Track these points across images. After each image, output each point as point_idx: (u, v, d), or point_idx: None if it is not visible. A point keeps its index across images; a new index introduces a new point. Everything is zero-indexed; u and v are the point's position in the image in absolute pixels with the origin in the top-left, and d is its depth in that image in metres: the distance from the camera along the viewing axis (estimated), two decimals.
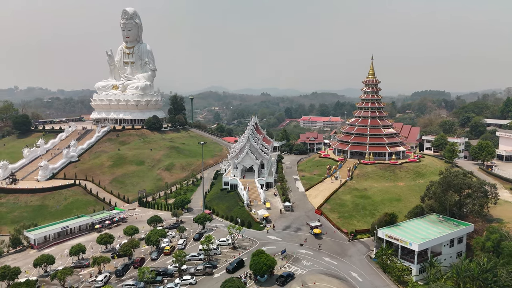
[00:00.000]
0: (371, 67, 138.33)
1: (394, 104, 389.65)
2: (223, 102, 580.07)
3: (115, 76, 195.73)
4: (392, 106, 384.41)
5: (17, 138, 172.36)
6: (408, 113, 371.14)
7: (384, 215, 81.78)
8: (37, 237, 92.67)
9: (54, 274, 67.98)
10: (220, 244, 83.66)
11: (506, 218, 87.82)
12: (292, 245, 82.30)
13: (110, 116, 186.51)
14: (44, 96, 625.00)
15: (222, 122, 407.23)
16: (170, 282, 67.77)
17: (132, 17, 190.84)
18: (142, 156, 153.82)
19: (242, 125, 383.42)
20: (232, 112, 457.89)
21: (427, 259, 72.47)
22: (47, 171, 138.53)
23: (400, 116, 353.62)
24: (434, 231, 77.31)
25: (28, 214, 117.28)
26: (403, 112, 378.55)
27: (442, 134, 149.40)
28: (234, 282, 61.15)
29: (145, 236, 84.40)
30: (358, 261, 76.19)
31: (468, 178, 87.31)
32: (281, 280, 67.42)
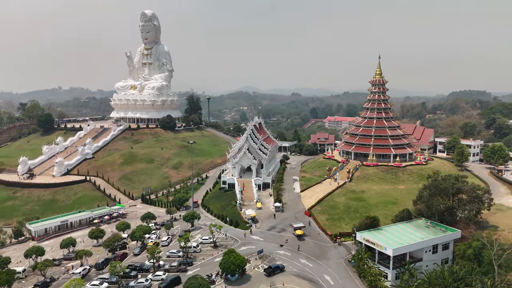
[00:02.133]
0: (378, 67, 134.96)
1: (424, 105, 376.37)
2: (252, 102, 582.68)
3: (134, 77, 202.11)
4: (422, 106, 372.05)
5: (40, 136, 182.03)
6: (438, 114, 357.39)
7: (365, 218, 80.00)
8: (37, 229, 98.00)
9: (35, 265, 71.83)
10: (203, 242, 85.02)
11: (502, 226, 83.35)
12: (273, 246, 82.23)
13: (128, 115, 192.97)
14: (83, 95, 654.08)
15: (247, 122, 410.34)
16: (143, 277, 69.79)
17: (150, 19, 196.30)
18: (152, 155, 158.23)
19: (266, 125, 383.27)
20: (258, 112, 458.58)
21: (405, 265, 70.34)
22: (62, 167, 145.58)
23: (430, 117, 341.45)
24: (417, 236, 74.76)
25: (39, 208, 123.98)
26: (433, 113, 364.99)
27: (455, 136, 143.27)
28: (197, 280, 62.12)
29: (130, 232, 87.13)
30: (335, 264, 75.01)
31: (460, 182, 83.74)
32: (268, 271, 69.02)
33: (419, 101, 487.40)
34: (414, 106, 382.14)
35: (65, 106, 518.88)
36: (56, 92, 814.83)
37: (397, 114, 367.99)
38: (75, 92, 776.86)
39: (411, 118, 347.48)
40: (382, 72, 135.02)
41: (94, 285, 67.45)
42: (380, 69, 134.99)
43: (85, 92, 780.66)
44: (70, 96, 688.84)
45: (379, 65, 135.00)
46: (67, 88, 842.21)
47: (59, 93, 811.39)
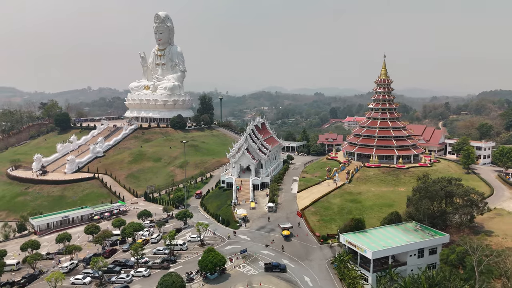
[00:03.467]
0: (383, 66, 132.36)
1: (448, 105, 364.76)
2: (273, 102, 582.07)
3: (148, 77, 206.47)
4: (445, 107, 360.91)
5: (57, 134, 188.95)
6: (463, 114, 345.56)
7: (350, 220, 78.98)
8: (39, 224, 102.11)
9: (25, 258, 75.01)
10: (190, 241, 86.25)
11: (498, 231, 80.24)
12: (258, 246, 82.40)
13: (141, 114, 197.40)
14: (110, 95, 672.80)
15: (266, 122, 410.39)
16: (126, 273, 71.59)
17: (163, 21, 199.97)
18: (160, 153, 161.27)
19: (285, 125, 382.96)
20: (277, 112, 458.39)
21: (387, 269, 69.02)
22: (73, 165, 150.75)
23: (454, 117, 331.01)
24: (402, 239, 73.19)
25: (48, 204, 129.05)
26: (457, 113, 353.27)
27: (464, 137, 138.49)
28: (171, 277, 63.11)
29: (121, 229, 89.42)
30: (317, 266, 74.43)
31: (455, 186, 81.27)
32: (267, 267, 70.31)
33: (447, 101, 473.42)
34: (436, 106, 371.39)
35: (92, 105, 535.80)
36: (85, 92, 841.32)
37: (419, 115, 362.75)
38: (103, 92, 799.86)
39: (433, 118, 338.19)
40: (387, 71, 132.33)
41: (78, 279, 69.87)
42: (385, 68, 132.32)
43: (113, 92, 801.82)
44: (98, 96, 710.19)
45: (384, 65, 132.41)
46: (96, 89, 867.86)
47: (89, 93, 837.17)
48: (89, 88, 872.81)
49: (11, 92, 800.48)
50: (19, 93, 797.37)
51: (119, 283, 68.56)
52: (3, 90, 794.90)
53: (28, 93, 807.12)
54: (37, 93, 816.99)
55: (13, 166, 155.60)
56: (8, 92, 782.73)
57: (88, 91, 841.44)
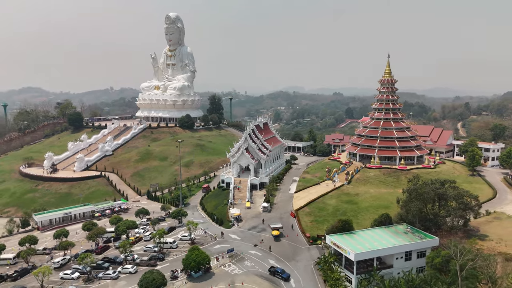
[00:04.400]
0: (387, 66, 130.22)
1: (467, 105, 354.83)
2: (290, 102, 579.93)
3: (159, 77, 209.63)
4: (465, 107, 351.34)
5: (70, 133, 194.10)
6: (483, 115, 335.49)
7: (337, 221, 78.15)
8: (42, 220, 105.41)
9: (18, 253, 77.65)
10: (182, 239, 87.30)
11: (493, 235, 77.93)
12: (247, 245, 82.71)
13: (151, 114, 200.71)
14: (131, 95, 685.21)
15: (281, 122, 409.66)
16: (113, 269, 73.17)
17: (174, 22, 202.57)
18: (167, 153, 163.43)
19: (300, 125, 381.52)
20: (293, 112, 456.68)
21: (371, 271, 68.07)
22: (82, 163, 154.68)
23: (473, 118, 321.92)
24: (390, 242, 71.96)
25: (55, 200, 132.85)
26: (477, 114, 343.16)
27: (471, 138, 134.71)
28: (152, 275, 64.15)
29: (115, 227, 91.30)
30: (303, 267, 74.15)
31: (449, 188, 79.43)
32: (271, 271, 70.11)
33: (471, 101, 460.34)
34: (456, 106, 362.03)
35: (112, 105, 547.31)
36: (108, 92, 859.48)
37: (437, 115, 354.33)
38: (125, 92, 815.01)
39: (452, 119, 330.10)
40: (391, 71, 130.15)
41: (66, 274, 71.95)
42: (389, 68, 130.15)
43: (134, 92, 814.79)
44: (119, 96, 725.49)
45: (388, 64, 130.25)
46: (117, 89, 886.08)
47: (111, 93, 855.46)
48: (111, 88, 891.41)
49: (37, 92, 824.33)
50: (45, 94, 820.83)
51: (105, 279, 70.23)
52: (30, 91, 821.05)
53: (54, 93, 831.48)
54: (63, 93, 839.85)
55: (26, 163, 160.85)
56: (34, 92, 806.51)
57: (111, 91, 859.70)
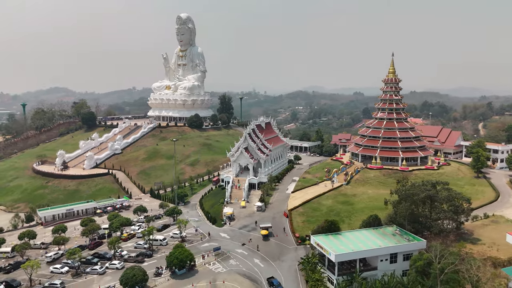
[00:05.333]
0: (391, 65, 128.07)
1: (490, 105, 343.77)
2: (309, 102, 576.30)
3: (170, 77, 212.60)
4: (487, 107, 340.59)
5: (84, 132, 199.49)
6: (506, 115, 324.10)
7: (324, 222, 77.44)
8: (45, 215, 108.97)
9: (13, 247, 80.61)
10: (173, 237, 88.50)
11: (486, 239, 75.61)
12: (235, 244, 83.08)
13: (162, 113, 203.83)
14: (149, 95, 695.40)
15: (297, 121, 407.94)
16: (101, 265, 75.01)
17: (185, 22, 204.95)
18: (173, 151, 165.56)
19: (315, 125, 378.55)
20: (310, 112, 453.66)
21: (353, 272, 67.25)
22: (92, 161, 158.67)
23: (496, 118, 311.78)
24: (375, 243, 70.86)
25: (63, 197, 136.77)
26: (500, 114, 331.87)
27: (479, 139, 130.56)
28: (133, 271, 65.37)
29: (108, 224, 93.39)
30: (287, 267, 73.90)
31: (443, 190, 77.49)
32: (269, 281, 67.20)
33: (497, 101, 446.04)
34: (477, 106, 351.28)
35: (133, 105, 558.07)
36: (131, 92, 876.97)
37: (458, 115, 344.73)
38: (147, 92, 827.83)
39: (474, 119, 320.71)
40: (395, 70, 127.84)
41: (56, 268, 74.20)
42: (394, 67, 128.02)
43: None
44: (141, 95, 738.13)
45: (392, 63, 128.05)
46: (140, 89, 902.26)
47: (133, 93, 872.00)
48: (134, 88, 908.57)
49: (64, 92, 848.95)
50: (71, 93, 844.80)
51: (92, 274, 72.14)
52: (57, 91, 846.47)
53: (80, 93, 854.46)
54: (88, 93, 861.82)
55: (39, 161, 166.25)
56: (61, 93, 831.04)
57: (133, 91, 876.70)
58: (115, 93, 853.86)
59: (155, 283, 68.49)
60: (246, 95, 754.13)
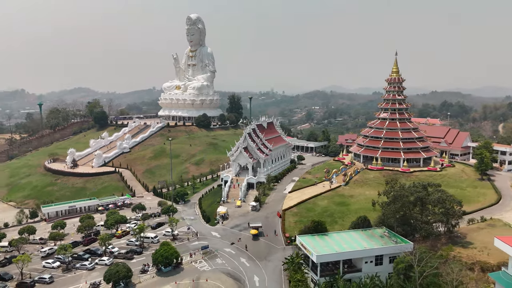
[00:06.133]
0: (395, 64, 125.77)
1: (511, 105, 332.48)
2: (326, 102, 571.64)
3: (180, 78, 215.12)
4: (509, 107, 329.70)
5: (96, 131, 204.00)
6: None
7: (311, 222, 76.93)
8: (49, 212, 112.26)
9: (10, 242, 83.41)
10: (165, 234, 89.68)
11: (478, 243, 73.40)
12: (225, 243, 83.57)
13: (172, 113, 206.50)
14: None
15: (312, 122, 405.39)
16: (92, 261, 76.82)
17: (195, 23, 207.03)
18: (180, 151, 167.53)
19: (330, 125, 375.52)
20: (325, 112, 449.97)
21: (336, 274, 66.63)
22: (100, 159, 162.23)
23: None
24: (361, 245, 70.03)
25: (71, 194, 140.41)
26: None
27: (487, 140, 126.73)
28: (117, 267, 66.68)
29: (104, 221, 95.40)
30: (273, 267, 73.82)
31: (436, 192, 75.79)
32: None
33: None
34: (498, 106, 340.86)
35: (150, 104, 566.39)
36: (150, 92, 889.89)
37: (477, 116, 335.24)
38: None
39: (494, 120, 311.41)
40: (399, 69, 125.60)
41: (48, 263, 76.51)
42: (397, 66, 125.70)
43: None
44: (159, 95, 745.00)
45: (395, 62, 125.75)
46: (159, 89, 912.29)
47: (154, 93, 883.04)
48: (154, 88, 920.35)
49: (85, 92, 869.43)
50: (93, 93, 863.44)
51: (81, 269, 74.00)
52: (80, 91, 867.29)
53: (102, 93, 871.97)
54: (109, 93, 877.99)
55: (51, 159, 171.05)
56: (83, 92, 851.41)
57: (153, 91, 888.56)
58: (135, 93, 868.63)
59: (139, 280, 69.68)
60: (264, 95, 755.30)
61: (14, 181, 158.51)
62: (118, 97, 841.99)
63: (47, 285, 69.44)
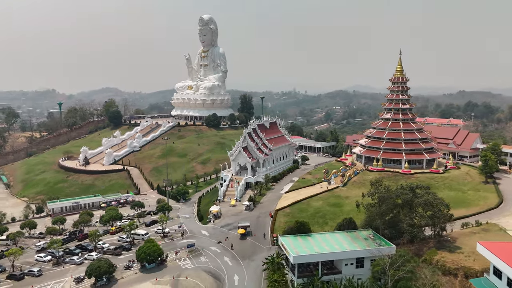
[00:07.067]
0: (399, 63, 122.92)
1: None
2: (347, 102, 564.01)
3: (192, 78, 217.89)
4: None
5: (110, 130, 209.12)
6: None
7: (295, 223, 76.44)
8: (54, 207, 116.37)
9: (8, 236, 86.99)
10: (157, 232, 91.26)
11: (467, 248, 71.01)
12: (212, 242, 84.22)
13: (184, 113, 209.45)
14: None
15: (331, 122, 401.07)
16: (81, 256, 79.19)
17: (207, 23, 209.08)
18: (188, 150, 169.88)
19: (349, 125, 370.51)
20: (344, 112, 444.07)
21: (314, 275, 66.05)
22: (111, 157, 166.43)
23: None
24: (343, 247, 69.15)
25: (80, 191, 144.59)
26: None
27: (495, 142, 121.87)
28: (99, 262, 68.44)
29: (100, 217, 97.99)
30: (255, 266, 73.82)
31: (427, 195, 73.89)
32: None
33: None
34: None
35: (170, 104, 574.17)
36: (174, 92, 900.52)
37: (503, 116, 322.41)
38: None
39: None
40: (403, 69, 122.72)
41: (40, 257, 79.38)
42: (401, 65, 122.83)
43: None
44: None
45: (399, 62, 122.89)
46: None
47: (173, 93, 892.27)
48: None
49: (113, 92, 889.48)
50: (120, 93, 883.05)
51: (70, 264, 76.45)
52: (107, 91, 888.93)
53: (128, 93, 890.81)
54: (135, 93, 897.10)
55: (65, 156, 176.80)
56: (110, 92, 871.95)
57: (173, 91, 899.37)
58: (160, 93, 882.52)
59: (122, 276, 71.25)
60: (286, 94, 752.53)
61: (29, 178, 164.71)
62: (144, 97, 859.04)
63: (35, 277, 72.00)
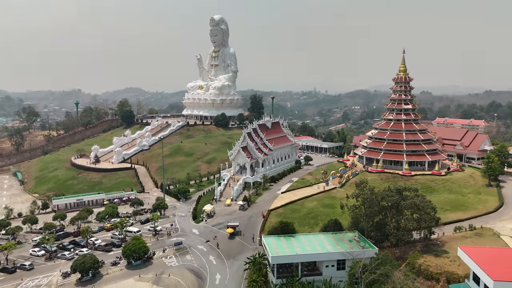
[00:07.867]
0: (403, 62, 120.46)
1: None
2: (367, 101, 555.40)
3: (203, 78, 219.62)
4: None
5: (123, 129, 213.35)
6: None
7: (279, 223, 76.14)
8: (58, 204, 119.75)
9: (6, 230, 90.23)
10: (149, 229, 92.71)
11: (453, 252, 68.68)
12: (200, 240, 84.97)
13: (194, 113, 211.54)
14: None
15: (348, 122, 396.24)
16: (73, 251, 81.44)
17: (218, 24, 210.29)
18: (195, 149, 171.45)
19: (366, 126, 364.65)
20: (362, 112, 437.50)
21: (293, 276, 65.75)
22: (120, 156, 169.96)
23: None
24: (325, 248, 68.55)
25: (87, 188, 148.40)
26: None
27: (502, 144, 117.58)
28: (85, 258, 70.23)
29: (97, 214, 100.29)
30: (238, 266, 74.10)
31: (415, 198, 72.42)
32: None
33: None
34: None
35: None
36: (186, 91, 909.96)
37: None
38: None
39: None
40: (406, 68, 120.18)
41: (34, 251, 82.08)
42: (405, 65, 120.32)
43: None
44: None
45: (403, 61, 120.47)
46: None
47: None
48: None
49: (137, 92, 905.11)
50: (143, 93, 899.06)
51: (61, 259, 78.79)
52: (131, 91, 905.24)
53: (151, 93, 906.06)
54: (158, 93, 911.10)
55: (78, 154, 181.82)
56: (134, 92, 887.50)
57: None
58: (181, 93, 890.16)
59: (108, 271, 72.82)
60: (306, 94, 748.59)
61: (42, 175, 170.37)
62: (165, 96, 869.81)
63: (27, 271, 74.54)
